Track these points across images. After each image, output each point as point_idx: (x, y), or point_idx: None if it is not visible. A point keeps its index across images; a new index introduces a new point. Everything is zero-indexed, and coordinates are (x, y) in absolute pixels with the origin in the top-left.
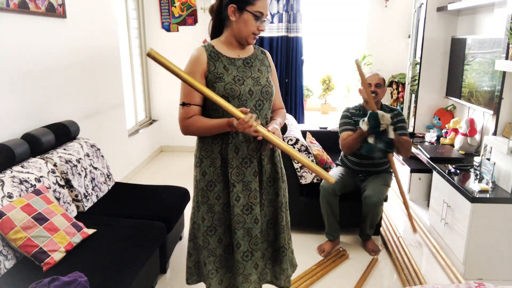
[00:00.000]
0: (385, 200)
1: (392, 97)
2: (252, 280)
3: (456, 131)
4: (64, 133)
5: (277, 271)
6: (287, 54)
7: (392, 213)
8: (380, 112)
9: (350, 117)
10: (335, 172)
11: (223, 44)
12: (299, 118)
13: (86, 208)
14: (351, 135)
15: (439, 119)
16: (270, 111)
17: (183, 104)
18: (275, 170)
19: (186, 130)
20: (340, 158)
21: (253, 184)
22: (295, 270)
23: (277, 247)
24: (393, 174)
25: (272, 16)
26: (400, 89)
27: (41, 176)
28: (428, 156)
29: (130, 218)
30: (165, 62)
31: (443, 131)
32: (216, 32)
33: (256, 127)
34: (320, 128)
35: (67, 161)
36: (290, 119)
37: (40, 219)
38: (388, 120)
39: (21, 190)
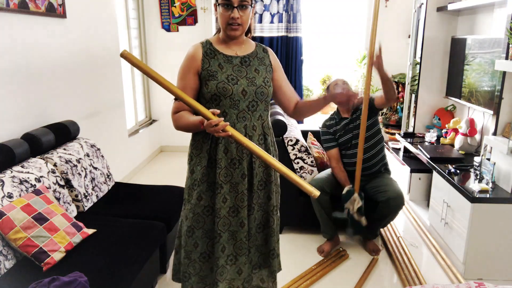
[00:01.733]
0: None
1: None
2: (235, 286)
3: (456, 131)
4: (64, 133)
5: (265, 274)
6: (286, 54)
7: None
8: (354, 196)
9: (329, 132)
10: (325, 171)
11: (220, 41)
12: None
13: (86, 208)
14: (344, 176)
15: (439, 119)
16: (267, 112)
17: (175, 99)
18: (268, 173)
19: (174, 124)
20: None
21: (241, 186)
22: (279, 271)
23: (266, 250)
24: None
25: (272, 16)
26: (400, 89)
27: (41, 176)
28: (428, 156)
29: (130, 218)
30: (137, 63)
31: (443, 131)
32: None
33: (224, 127)
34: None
35: (67, 161)
36: (290, 119)
37: (40, 219)
38: (354, 206)
39: (21, 190)
